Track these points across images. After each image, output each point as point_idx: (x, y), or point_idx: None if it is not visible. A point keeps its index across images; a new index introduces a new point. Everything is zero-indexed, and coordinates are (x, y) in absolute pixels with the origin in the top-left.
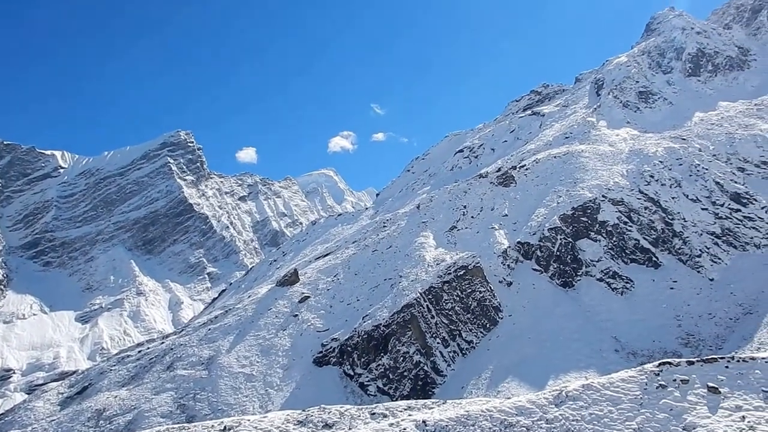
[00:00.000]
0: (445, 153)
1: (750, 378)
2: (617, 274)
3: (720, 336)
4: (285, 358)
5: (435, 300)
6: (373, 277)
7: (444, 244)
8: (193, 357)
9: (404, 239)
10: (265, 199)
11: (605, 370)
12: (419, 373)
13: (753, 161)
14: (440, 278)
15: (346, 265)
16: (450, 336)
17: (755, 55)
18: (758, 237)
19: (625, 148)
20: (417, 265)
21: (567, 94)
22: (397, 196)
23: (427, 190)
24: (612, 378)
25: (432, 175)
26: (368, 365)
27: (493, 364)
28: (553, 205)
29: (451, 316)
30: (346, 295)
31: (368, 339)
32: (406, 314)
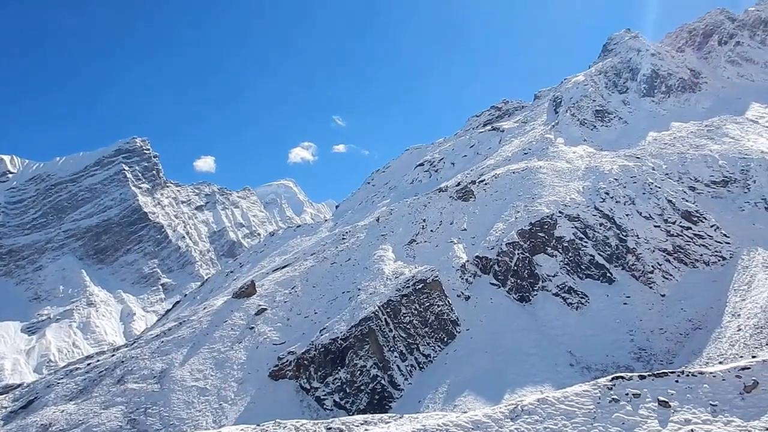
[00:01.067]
0: (405, 166)
1: (699, 392)
2: (573, 289)
3: (671, 351)
4: (240, 371)
5: (393, 313)
6: (332, 290)
7: (403, 258)
8: (145, 370)
9: (363, 252)
10: (222, 209)
11: (560, 384)
12: (376, 387)
13: (703, 181)
14: (399, 292)
15: (304, 277)
16: (408, 350)
17: (706, 78)
18: (707, 254)
19: (581, 165)
20: (376, 278)
21: (526, 110)
22: (357, 208)
23: (387, 203)
24: (567, 392)
25: (392, 188)
26: (325, 379)
27: (450, 378)
28: (512, 220)
29: (409, 330)
30: (303, 307)
31: (325, 352)
32: (364, 327)
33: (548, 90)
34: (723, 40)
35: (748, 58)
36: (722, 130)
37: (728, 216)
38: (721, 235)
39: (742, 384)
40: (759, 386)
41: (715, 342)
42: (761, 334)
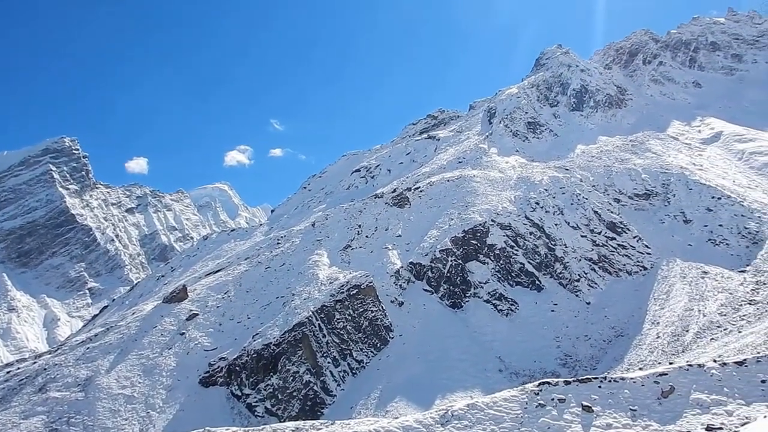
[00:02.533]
0: (342, 172)
1: (620, 397)
2: (503, 296)
3: (594, 357)
4: (169, 378)
5: (327, 319)
6: (265, 295)
7: (338, 263)
8: (69, 378)
9: (298, 257)
10: (154, 212)
11: (490, 389)
12: (309, 393)
13: (627, 193)
14: (333, 297)
15: (237, 282)
16: (341, 355)
17: (631, 95)
18: (630, 264)
19: (513, 175)
20: (310, 283)
21: (461, 120)
22: (293, 213)
23: (323, 208)
24: (495, 397)
25: (328, 193)
26: (257, 385)
27: (383, 384)
28: (445, 227)
29: (342, 336)
30: (236, 312)
31: (258, 358)
32: (298, 333)
33: (483, 101)
34: (647, 60)
35: (669, 78)
36: (645, 146)
37: (650, 228)
38: (642, 246)
39: (660, 389)
40: (675, 391)
41: (635, 349)
42: (678, 341)
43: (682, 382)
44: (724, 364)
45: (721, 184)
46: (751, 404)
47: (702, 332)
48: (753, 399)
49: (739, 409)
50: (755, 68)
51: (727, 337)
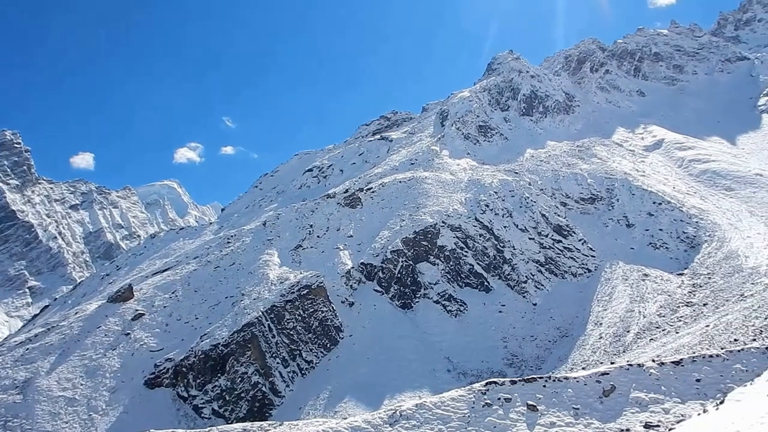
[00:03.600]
0: (294, 171)
1: (563, 396)
2: (452, 297)
3: (540, 357)
4: (113, 380)
5: (277, 319)
6: (214, 295)
7: (289, 263)
8: (6, 380)
9: (248, 256)
10: (100, 209)
11: (438, 389)
12: (257, 395)
13: (573, 197)
14: (283, 297)
15: (185, 281)
16: (290, 356)
17: (579, 102)
18: (575, 266)
19: (464, 178)
20: (260, 283)
21: (414, 122)
22: (244, 212)
23: (275, 208)
24: (443, 397)
25: (280, 192)
26: (204, 386)
27: (332, 385)
28: (397, 228)
29: (292, 336)
30: (184, 312)
31: (205, 359)
32: (247, 333)
33: (436, 103)
34: (594, 68)
35: (615, 86)
36: (591, 151)
37: (594, 231)
38: (587, 248)
39: (602, 388)
40: (616, 390)
41: (579, 349)
42: (619, 341)
43: (622, 381)
44: (662, 364)
45: (662, 190)
46: (686, 402)
47: (642, 333)
48: (688, 397)
49: (676, 407)
50: (695, 79)
51: (666, 337)
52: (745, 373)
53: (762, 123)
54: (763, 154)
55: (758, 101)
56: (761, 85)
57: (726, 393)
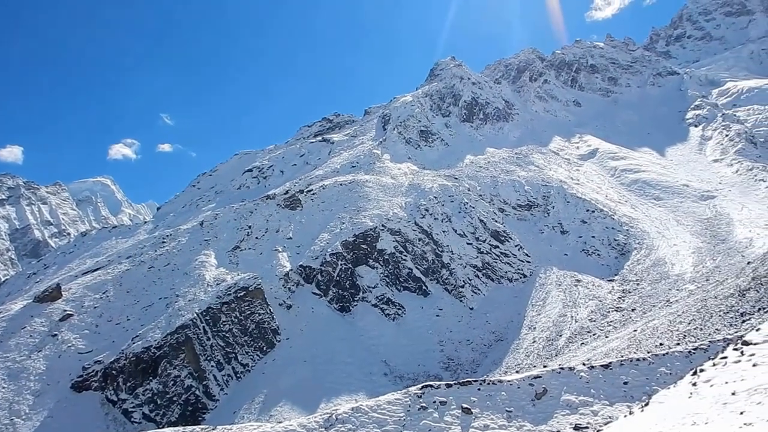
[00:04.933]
0: (233, 171)
1: (497, 399)
2: (391, 300)
3: (475, 360)
4: (38, 382)
5: (212, 321)
6: (147, 296)
7: (226, 264)
8: None
9: (184, 257)
10: (27, 205)
11: (374, 392)
12: (190, 398)
13: (511, 203)
14: (219, 299)
15: (117, 281)
16: (225, 359)
17: (518, 110)
18: (511, 272)
19: (405, 182)
20: (196, 284)
21: (356, 125)
22: (180, 211)
23: (213, 208)
24: (379, 401)
25: (218, 192)
26: (134, 390)
27: (268, 388)
28: (337, 231)
29: (228, 339)
30: (115, 313)
31: (137, 362)
32: (181, 336)
33: (378, 107)
34: (533, 77)
35: (553, 96)
36: (529, 159)
37: (530, 237)
38: (523, 254)
39: (534, 391)
40: (548, 393)
41: (513, 352)
42: (552, 345)
43: (554, 384)
44: (592, 367)
45: (595, 198)
46: (614, 404)
47: (574, 337)
48: (616, 399)
49: (604, 409)
50: (628, 92)
51: (596, 341)
52: (669, 376)
53: (689, 136)
54: (690, 165)
55: (686, 115)
56: (689, 99)
57: (651, 395)
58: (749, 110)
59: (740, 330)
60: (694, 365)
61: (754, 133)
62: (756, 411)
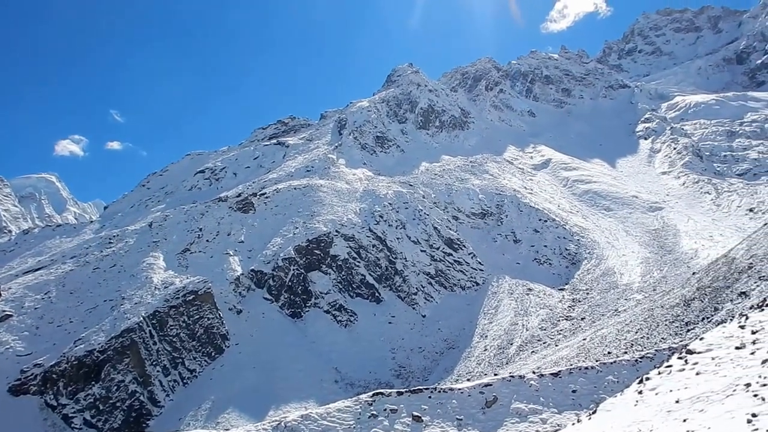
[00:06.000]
0: (185, 171)
1: (448, 407)
2: (343, 307)
3: (427, 368)
4: None
5: (159, 325)
6: (92, 298)
7: (175, 267)
8: None
9: (132, 258)
10: None
11: (325, 399)
12: (134, 404)
13: (465, 211)
14: (167, 302)
15: (60, 282)
16: (172, 364)
17: (474, 118)
18: (464, 280)
19: (360, 188)
20: (143, 286)
21: (312, 128)
22: (129, 211)
23: (162, 209)
24: (329, 408)
25: (169, 193)
26: (76, 395)
27: (215, 395)
28: (290, 235)
29: (175, 343)
30: (57, 315)
31: (79, 365)
32: (126, 339)
33: (334, 111)
34: (489, 87)
35: (508, 105)
36: (484, 167)
37: (483, 245)
38: (476, 262)
39: (484, 399)
40: (498, 401)
41: (465, 360)
42: (503, 354)
43: (504, 392)
44: (542, 376)
45: (548, 208)
46: (563, 412)
47: (524, 345)
48: (564, 407)
49: (553, 417)
50: (581, 103)
51: (546, 350)
52: (616, 384)
53: (639, 148)
54: (640, 177)
55: (636, 127)
56: (640, 112)
57: (598, 403)
58: (696, 124)
59: (685, 339)
60: (641, 374)
61: (701, 147)
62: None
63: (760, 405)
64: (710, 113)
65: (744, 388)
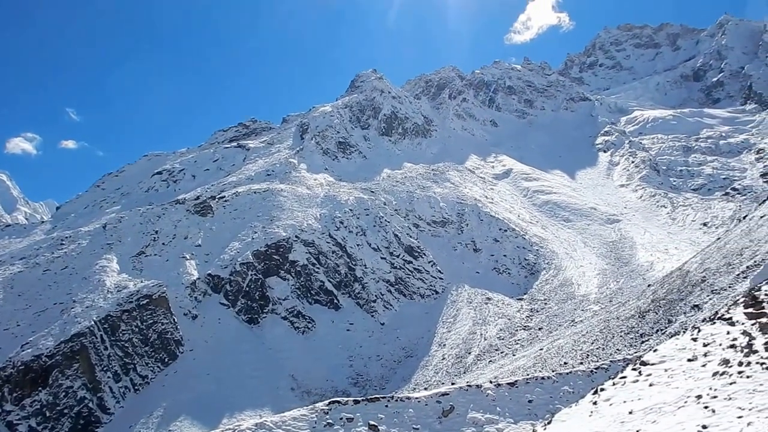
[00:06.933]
0: (142, 173)
1: (404, 416)
2: (301, 313)
3: (384, 377)
4: None
5: (111, 330)
6: (41, 300)
7: (129, 270)
8: None
9: (84, 260)
10: None
11: (280, 407)
12: (82, 411)
13: (426, 219)
14: (120, 306)
15: (8, 284)
16: (123, 370)
17: (437, 126)
18: (423, 288)
19: (321, 193)
20: (95, 290)
21: (274, 132)
22: (82, 212)
23: (117, 210)
24: (284, 416)
25: (125, 194)
26: (21, 401)
27: (168, 401)
28: (248, 240)
29: (127, 349)
30: (3, 318)
31: (25, 371)
32: (76, 344)
33: (297, 115)
34: (453, 95)
35: (471, 114)
36: (445, 176)
37: (443, 254)
38: (436, 270)
39: (441, 408)
40: (454, 411)
41: (422, 369)
42: (461, 363)
43: (461, 401)
44: (499, 385)
45: (508, 218)
46: (518, 422)
47: (482, 354)
48: (521, 417)
49: (509, 427)
50: (543, 114)
51: (504, 359)
52: (572, 395)
53: (598, 160)
54: (598, 189)
55: (596, 140)
56: (599, 125)
57: (554, 413)
58: (654, 139)
59: (639, 350)
60: (596, 384)
61: (658, 161)
62: (651, 429)
63: (710, 417)
64: (667, 128)
65: (695, 400)
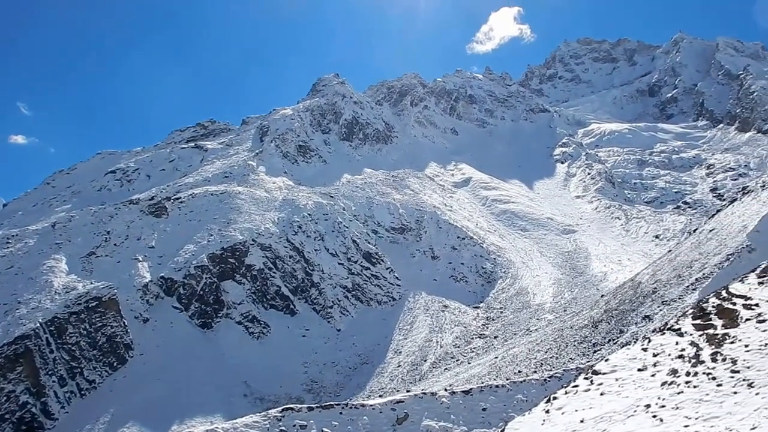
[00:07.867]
0: (94, 171)
1: (358, 424)
2: (256, 318)
3: (339, 383)
4: None
5: (58, 332)
6: None
7: (78, 271)
8: None
9: (31, 260)
10: None
11: (232, 414)
12: (25, 416)
13: (385, 226)
14: (68, 308)
15: None
16: (69, 374)
17: (398, 133)
18: (381, 294)
19: (279, 197)
20: (42, 291)
21: (232, 134)
22: (30, 210)
23: (68, 209)
24: (236, 423)
25: (76, 192)
26: None
27: (115, 407)
28: (204, 242)
29: (74, 352)
30: None
31: None
32: (19, 346)
33: (257, 117)
34: (414, 102)
35: (432, 122)
36: (405, 182)
37: (401, 260)
38: (394, 277)
39: (396, 416)
40: (409, 418)
41: (378, 376)
42: (416, 370)
43: (416, 409)
44: (453, 393)
45: (466, 226)
46: (472, 430)
47: (438, 362)
48: (474, 425)
49: None
50: (503, 124)
51: (459, 367)
52: (525, 403)
53: (556, 171)
54: (555, 200)
55: (554, 151)
56: (558, 136)
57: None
58: (610, 151)
59: (592, 360)
60: (549, 393)
61: (613, 174)
62: None
63: (658, 426)
64: (623, 141)
65: (644, 409)
